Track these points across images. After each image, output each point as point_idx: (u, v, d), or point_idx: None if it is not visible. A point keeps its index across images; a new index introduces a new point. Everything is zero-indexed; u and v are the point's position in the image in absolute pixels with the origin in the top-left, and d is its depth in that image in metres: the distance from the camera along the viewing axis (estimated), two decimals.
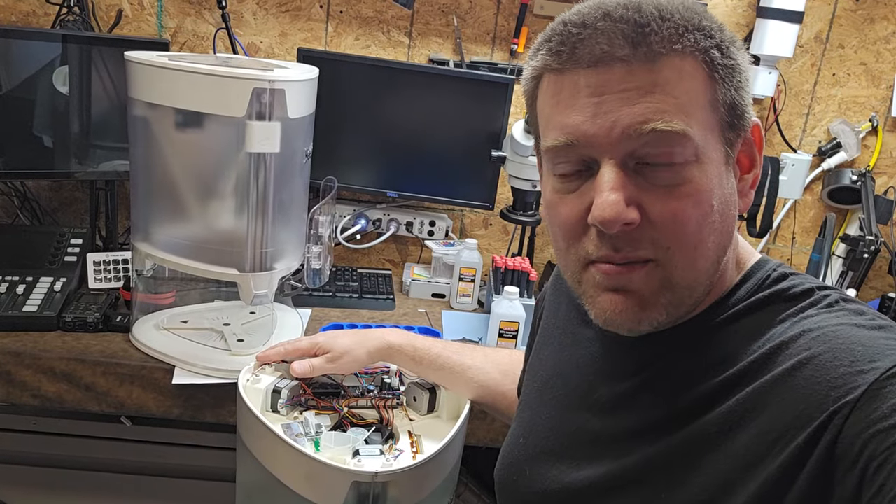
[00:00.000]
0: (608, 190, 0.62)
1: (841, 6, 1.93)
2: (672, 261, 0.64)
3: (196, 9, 1.90)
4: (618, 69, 0.62)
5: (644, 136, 0.61)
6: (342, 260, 2.05)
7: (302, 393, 1.16)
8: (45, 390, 1.40)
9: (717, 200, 0.64)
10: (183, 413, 1.41)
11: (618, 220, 0.62)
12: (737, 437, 0.62)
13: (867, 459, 0.53)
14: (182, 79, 1.22)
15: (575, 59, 0.63)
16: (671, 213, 0.63)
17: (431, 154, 1.89)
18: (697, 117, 0.63)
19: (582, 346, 0.83)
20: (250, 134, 1.23)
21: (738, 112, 0.66)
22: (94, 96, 1.70)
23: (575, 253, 0.68)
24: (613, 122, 0.62)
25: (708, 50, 0.63)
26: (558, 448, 0.79)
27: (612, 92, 0.62)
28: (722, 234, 0.66)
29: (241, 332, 1.49)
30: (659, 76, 0.62)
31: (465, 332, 1.66)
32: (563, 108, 0.65)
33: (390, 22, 1.92)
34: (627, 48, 0.61)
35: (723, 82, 0.64)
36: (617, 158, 0.63)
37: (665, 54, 0.62)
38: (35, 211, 1.94)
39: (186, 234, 1.33)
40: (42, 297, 1.52)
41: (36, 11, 1.86)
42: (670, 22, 0.62)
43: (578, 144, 0.64)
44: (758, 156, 0.70)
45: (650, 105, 0.61)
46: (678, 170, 0.63)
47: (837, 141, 1.99)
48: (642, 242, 0.64)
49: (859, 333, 0.61)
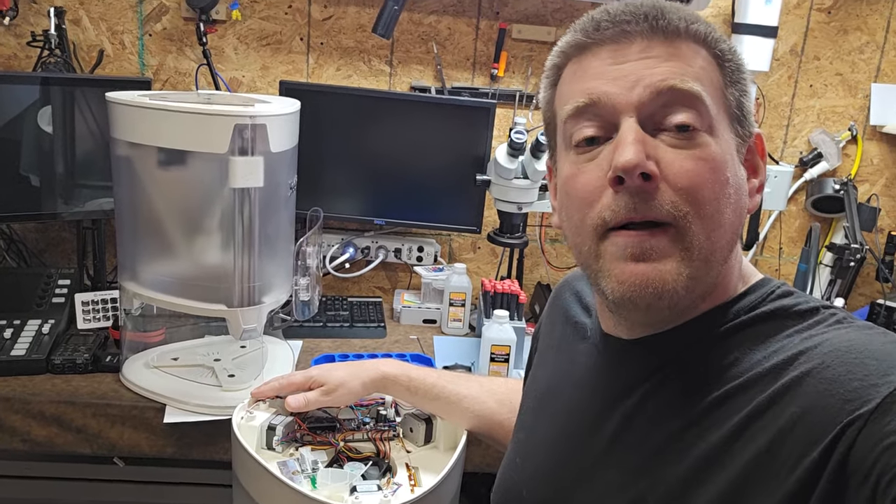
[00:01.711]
0: (629, 142, 0.64)
1: (814, 19, 1.96)
2: (691, 227, 0.64)
3: (177, 46, 1.91)
4: (638, 42, 0.66)
5: (663, 95, 0.65)
6: (332, 289, 2.04)
7: (297, 428, 1.15)
8: (36, 435, 1.39)
9: (732, 177, 0.66)
10: (176, 452, 1.40)
11: (639, 167, 0.63)
12: (745, 451, 0.61)
13: (880, 473, 0.53)
14: (163, 118, 1.23)
15: (598, 38, 0.68)
16: (688, 174, 0.64)
17: (417, 180, 1.90)
18: (711, 93, 0.66)
19: (578, 363, 0.82)
20: (233, 170, 1.23)
21: (743, 113, 0.69)
22: (79, 136, 1.70)
23: (591, 222, 0.67)
24: (634, 82, 0.65)
25: (717, 42, 0.68)
26: (556, 468, 0.78)
27: (632, 60, 0.66)
28: (736, 215, 0.67)
29: (232, 366, 1.48)
30: (677, 50, 0.66)
31: (457, 357, 1.66)
32: (585, 77, 0.69)
33: (371, 51, 1.94)
34: (647, 27, 0.66)
35: (730, 77, 0.69)
36: (638, 115, 0.65)
37: (681, 35, 0.67)
38: (22, 253, 1.92)
39: (173, 272, 1.33)
40: (30, 340, 1.51)
41: (17, 54, 1.86)
42: (684, 12, 0.68)
43: (599, 104, 0.67)
44: (761, 164, 0.72)
45: (669, 69, 0.65)
46: (694, 135, 0.65)
47: (818, 151, 2.01)
48: (662, 203, 0.64)
49: (871, 348, 0.60)
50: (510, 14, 1.92)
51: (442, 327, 1.86)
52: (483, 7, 1.92)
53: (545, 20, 1.93)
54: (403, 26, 1.91)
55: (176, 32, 1.90)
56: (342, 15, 1.91)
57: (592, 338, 0.82)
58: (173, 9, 1.88)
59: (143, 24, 1.89)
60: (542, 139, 1.63)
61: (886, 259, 1.98)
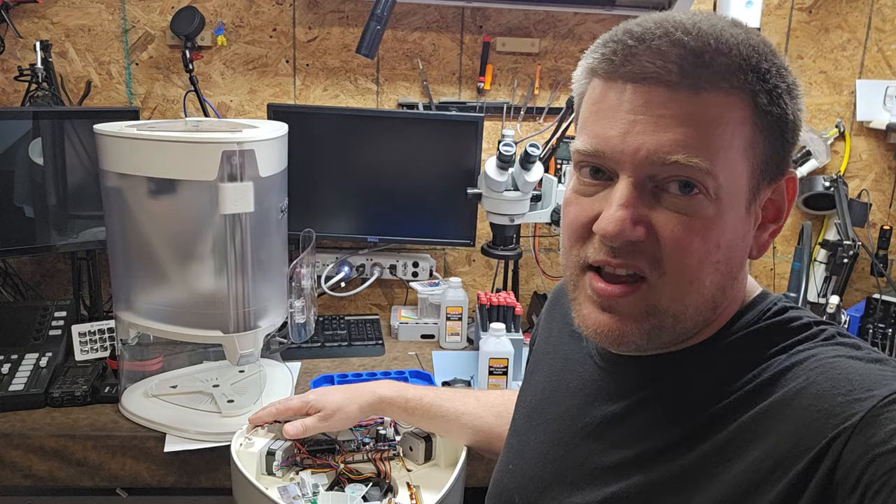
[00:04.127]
0: (618, 205, 0.64)
1: (795, 19, 1.97)
2: (663, 287, 0.65)
3: (164, 73, 1.91)
4: (661, 92, 0.62)
5: (666, 167, 0.62)
6: (329, 309, 2.04)
7: (297, 452, 1.15)
8: (37, 469, 1.38)
9: (726, 242, 0.65)
10: (178, 480, 1.39)
11: (620, 236, 0.63)
12: (734, 465, 0.62)
13: (866, 484, 0.53)
14: (151, 148, 1.23)
15: (623, 71, 0.64)
16: (677, 241, 0.64)
17: (408, 196, 1.90)
18: (726, 158, 0.63)
19: (573, 370, 0.83)
20: (223, 196, 1.23)
21: (773, 161, 0.66)
22: (70, 167, 1.71)
23: (576, 255, 0.69)
24: (640, 145, 0.63)
25: (757, 94, 0.63)
26: (548, 474, 0.79)
27: (649, 114, 0.63)
28: (724, 276, 0.66)
29: (231, 392, 1.48)
30: (699, 109, 0.62)
31: (456, 371, 1.66)
32: (601, 116, 0.66)
33: (357, 70, 1.95)
34: (675, 74, 0.61)
35: (764, 130, 0.64)
36: (636, 178, 0.64)
37: (710, 89, 0.62)
38: (17, 286, 1.93)
39: (168, 300, 1.33)
40: (28, 374, 1.51)
41: (5, 89, 1.87)
42: (726, 57, 0.62)
43: (604, 156, 0.65)
44: (786, 207, 0.70)
45: (681, 137, 0.62)
46: (693, 202, 0.63)
47: (807, 149, 2.02)
48: (643, 256, 0.65)
49: (856, 365, 0.61)
50: (493, 27, 1.94)
51: (440, 342, 1.86)
52: (466, 22, 1.93)
53: (528, 32, 1.94)
54: (388, 44, 1.92)
55: (162, 60, 1.91)
56: (326, 36, 1.92)
57: (588, 348, 0.82)
58: (159, 37, 1.89)
59: (130, 54, 1.90)
60: (530, 150, 1.64)
61: (880, 254, 1.98)
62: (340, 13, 1.91)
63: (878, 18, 1.98)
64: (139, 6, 1.87)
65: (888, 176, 2.08)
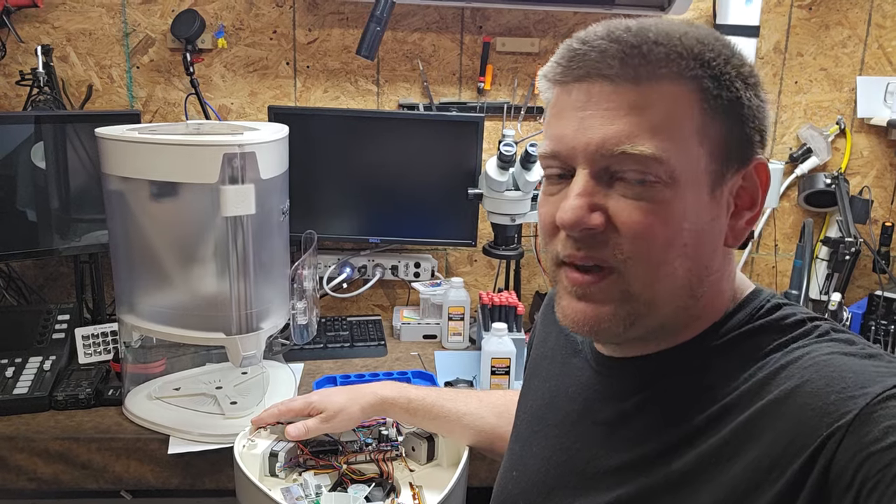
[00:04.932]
0: (574, 196, 0.66)
1: (795, 16, 1.97)
2: (631, 272, 0.66)
3: (165, 77, 1.92)
4: (604, 86, 0.65)
5: (615, 157, 0.64)
6: (331, 310, 2.05)
7: (300, 454, 1.15)
8: (41, 473, 1.39)
9: (690, 225, 0.65)
10: (182, 482, 1.40)
11: (577, 224, 0.65)
12: (732, 465, 0.62)
13: (861, 482, 0.53)
14: (153, 151, 1.24)
15: (569, 72, 0.67)
16: (636, 226, 0.65)
17: (410, 197, 1.91)
18: (678, 144, 0.64)
19: (572, 375, 0.83)
20: (224, 198, 1.24)
21: (735, 147, 0.66)
22: (72, 171, 1.71)
23: (551, 251, 0.71)
24: (590, 139, 0.65)
25: (700, 79, 0.64)
26: (551, 479, 0.79)
27: (596, 108, 0.65)
28: (695, 261, 0.67)
29: (234, 393, 1.49)
30: (642, 98, 0.64)
31: (458, 371, 1.66)
32: (557, 119, 0.69)
33: (357, 72, 1.95)
34: (616, 68, 0.64)
35: (717, 115, 0.65)
36: (591, 169, 0.66)
37: (650, 78, 0.64)
38: (21, 290, 1.93)
39: (170, 303, 1.34)
40: (32, 377, 1.51)
41: (7, 94, 1.87)
42: (664, 47, 0.64)
43: (560, 155, 0.68)
44: (760, 194, 0.70)
45: (626, 127, 0.64)
46: (649, 188, 0.64)
47: (808, 146, 2.02)
48: (606, 246, 0.66)
49: (850, 362, 0.61)
50: (493, 28, 1.94)
51: (442, 342, 1.86)
52: (466, 22, 1.94)
53: (528, 32, 1.95)
54: (388, 45, 1.93)
55: (163, 63, 1.91)
56: (326, 37, 1.92)
57: (584, 352, 0.82)
58: (159, 40, 1.90)
59: (131, 57, 1.90)
60: (531, 150, 1.64)
61: (882, 250, 1.98)
62: (340, 15, 1.91)
63: (878, 15, 1.98)
64: (140, 10, 1.88)
65: (889, 172, 2.08)
